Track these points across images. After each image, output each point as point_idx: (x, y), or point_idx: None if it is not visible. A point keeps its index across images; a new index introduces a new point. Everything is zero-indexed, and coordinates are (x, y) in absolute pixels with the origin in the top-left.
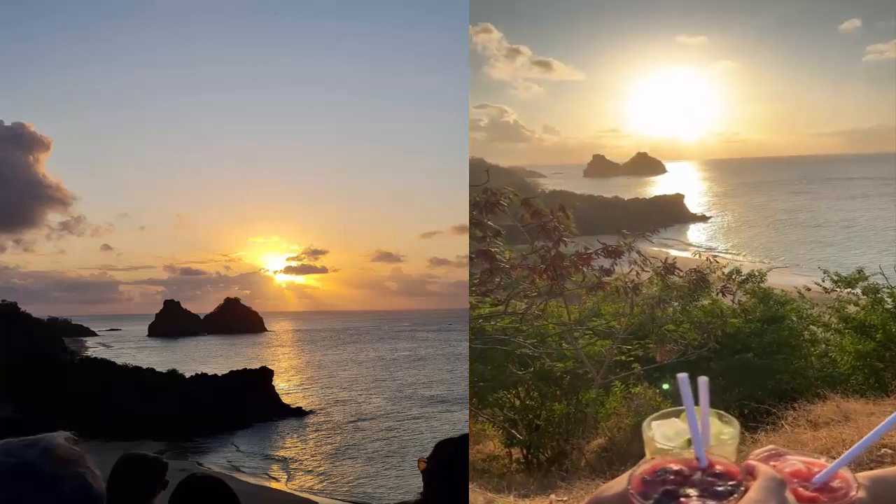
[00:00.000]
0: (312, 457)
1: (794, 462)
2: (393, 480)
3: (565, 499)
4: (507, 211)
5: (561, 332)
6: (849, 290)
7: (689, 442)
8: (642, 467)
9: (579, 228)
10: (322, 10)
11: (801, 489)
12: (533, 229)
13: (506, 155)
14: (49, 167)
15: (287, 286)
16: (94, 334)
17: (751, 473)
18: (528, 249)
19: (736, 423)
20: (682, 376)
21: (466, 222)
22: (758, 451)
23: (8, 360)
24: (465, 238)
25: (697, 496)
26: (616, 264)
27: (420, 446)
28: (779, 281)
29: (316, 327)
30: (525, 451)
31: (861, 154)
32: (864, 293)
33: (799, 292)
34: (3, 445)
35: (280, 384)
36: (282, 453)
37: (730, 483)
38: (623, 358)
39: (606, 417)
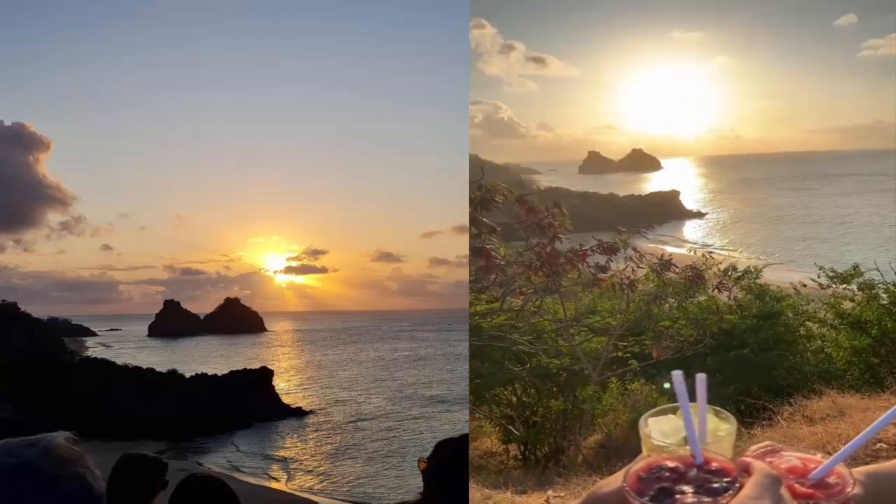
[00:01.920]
0: (312, 457)
1: (790, 458)
2: (393, 480)
3: (562, 494)
4: (502, 208)
5: (557, 328)
6: (844, 286)
7: (686, 439)
8: (638, 464)
9: (574, 225)
10: (322, 10)
11: (797, 485)
12: (528, 226)
13: (500, 152)
14: (49, 167)
15: (287, 286)
16: (94, 334)
17: (746, 470)
18: (523, 246)
19: (733, 419)
20: (677, 373)
21: (466, 222)
22: (754, 447)
23: (8, 360)
24: (465, 238)
25: (693, 493)
26: (611, 261)
27: (420, 446)
28: (774, 277)
29: (316, 327)
30: (522, 448)
31: (858, 150)
32: (859, 289)
33: (794, 288)
34: (3, 445)
35: (280, 384)
36: (282, 453)
37: (725, 480)
38: (619, 354)
39: (603, 414)
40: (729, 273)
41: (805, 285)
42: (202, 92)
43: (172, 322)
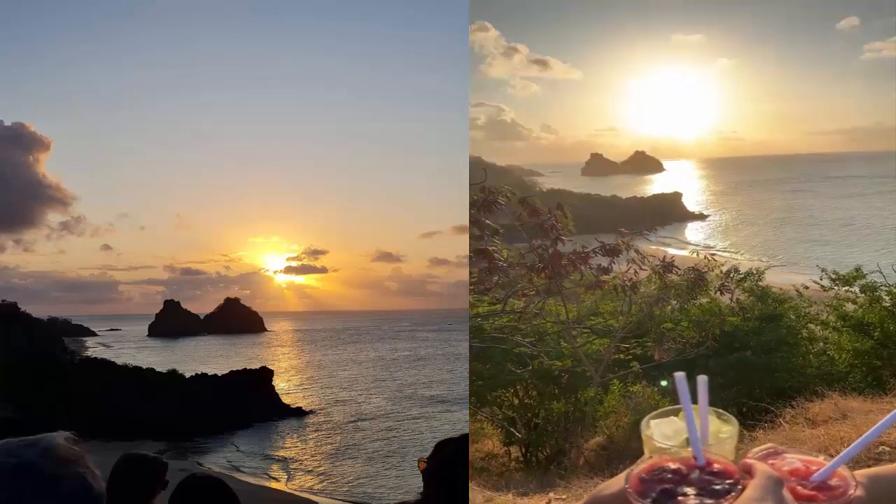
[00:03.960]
0: (312, 457)
1: (793, 460)
2: (393, 480)
3: (564, 496)
4: (504, 210)
5: (559, 330)
6: (846, 288)
7: (688, 441)
8: (640, 466)
9: (577, 227)
10: (322, 10)
11: (799, 487)
12: (531, 228)
13: (503, 154)
14: (49, 167)
15: (287, 286)
16: (94, 334)
17: (748, 472)
18: (526, 248)
19: (734, 421)
20: (680, 375)
21: (466, 222)
22: (756, 449)
23: (8, 360)
24: (465, 238)
25: (695, 495)
26: (614, 263)
27: (420, 446)
28: (777, 279)
29: (316, 327)
30: (524, 450)
31: (859, 152)
32: (861, 291)
33: (797, 290)
34: (3, 445)
35: (280, 384)
36: (282, 453)
37: (727, 482)
38: (621, 356)
39: (605, 416)
40: (731, 275)
41: (807, 287)
42: (202, 92)
43: (172, 322)
